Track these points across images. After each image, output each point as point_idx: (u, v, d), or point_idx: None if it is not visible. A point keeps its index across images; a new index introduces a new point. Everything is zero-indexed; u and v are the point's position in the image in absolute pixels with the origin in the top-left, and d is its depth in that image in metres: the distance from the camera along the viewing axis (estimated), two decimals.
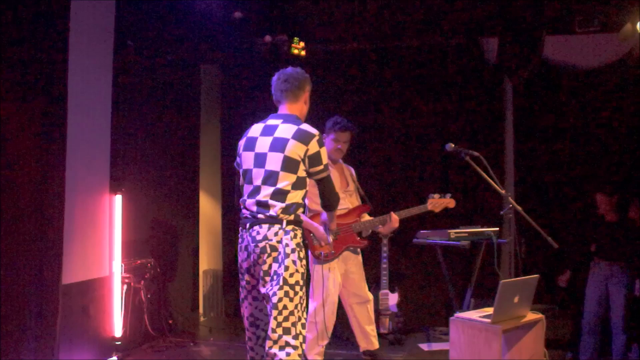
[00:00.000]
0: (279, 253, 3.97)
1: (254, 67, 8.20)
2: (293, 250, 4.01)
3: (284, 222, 4.02)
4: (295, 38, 7.63)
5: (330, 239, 5.21)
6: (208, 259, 8.75)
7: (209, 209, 8.72)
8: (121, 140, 6.60)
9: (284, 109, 4.29)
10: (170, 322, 7.41)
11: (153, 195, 7.30)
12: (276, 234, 3.99)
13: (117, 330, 6.44)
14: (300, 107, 4.33)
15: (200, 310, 8.51)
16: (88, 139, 6.08)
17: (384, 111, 8.26)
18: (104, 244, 6.33)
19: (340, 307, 6.07)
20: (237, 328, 7.90)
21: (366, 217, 5.95)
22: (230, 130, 8.52)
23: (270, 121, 4.23)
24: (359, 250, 6.03)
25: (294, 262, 3.99)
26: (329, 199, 4.36)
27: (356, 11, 7.39)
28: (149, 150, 7.21)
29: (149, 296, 6.86)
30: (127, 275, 6.56)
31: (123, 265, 6.51)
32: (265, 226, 4.00)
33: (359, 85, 8.34)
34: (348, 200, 5.96)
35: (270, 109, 4.36)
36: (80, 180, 5.91)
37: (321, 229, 5.56)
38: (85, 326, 6.03)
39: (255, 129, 4.26)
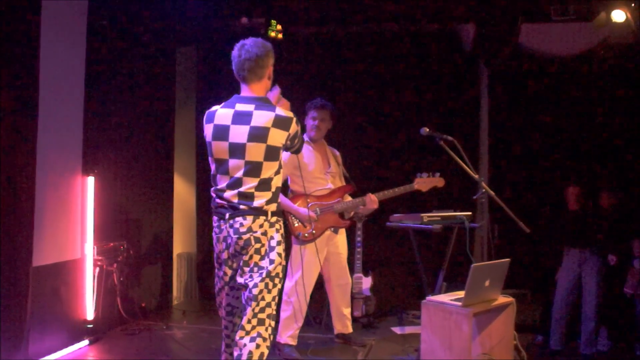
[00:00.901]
0: (263, 245, 3.89)
1: (230, 50, 8.13)
2: (278, 243, 3.96)
3: (269, 214, 3.93)
4: (273, 21, 7.59)
5: (313, 215, 5.21)
6: (182, 242, 8.72)
7: (183, 191, 8.68)
8: (94, 122, 6.53)
9: (248, 89, 4.06)
10: (143, 305, 7.38)
11: (126, 177, 7.23)
12: (261, 225, 3.89)
13: (89, 314, 6.40)
14: (265, 84, 4.11)
15: (174, 293, 8.48)
16: (60, 120, 6.01)
17: (360, 95, 8.27)
18: (75, 226, 6.28)
19: (316, 289, 6.11)
20: (211, 311, 7.89)
21: (348, 198, 5.99)
22: (205, 112, 8.47)
23: (240, 106, 4.00)
24: (341, 230, 6.07)
25: (279, 254, 3.94)
26: (298, 150, 4.34)
27: None
28: (122, 132, 7.14)
29: (121, 279, 6.83)
30: (100, 257, 6.50)
31: (95, 247, 6.44)
32: (249, 218, 3.88)
33: (335, 69, 8.34)
34: (331, 181, 5.99)
35: None
36: (52, 162, 5.85)
37: (302, 210, 5.59)
38: (56, 309, 5.98)
39: (224, 116, 4.01)
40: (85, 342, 6.29)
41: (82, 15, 6.32)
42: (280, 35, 7.59)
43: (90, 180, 6.40)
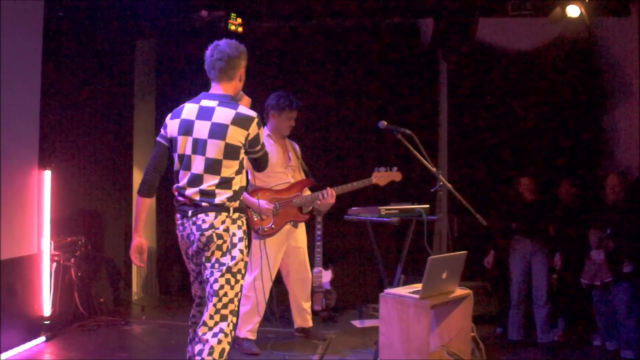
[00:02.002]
0: (225, 242, 3.90)
1: (190, 43, 8.11)
2: (240, 240, 3.97)
3: (231, 210, 3.95)
4: (233, 14, 7.56)
5: (271, 207, 5.21)
6: None
7: None
8: (51, 114, 6.44)
9: (217, 88, 4.10)
10: (102, 300, 7.30)
11: (85, 171, 7.15)
12: (223, 222, 3.90)
13: (46, 310, 6.31)
14: (235, 85, 4.14)
15: (133, 289, 8.41)
16: (16, 113, 5.90)
17: (320, 89, 8.27)
18: (32, 221, 6.18)
19: (276, 283, 6.11)
20: (170, 307, 7.88)
21: (307, 192, 6.00)
22: (165, 105, 8.40)
23: (205, 102, 4.02)
24: (301, 225, 6.08)
25: (241, 251, 3.96)
26: (261, 165, 4.29)
27: None
28: (80, 125, 7.06)
29: (79, 274, 6.75)
30: (57, 252, 6.42)
31: (52, 242, 6.36)
32: (211, 214, 3.89)
33: (295, 62, 8.33)
34: (290, 174, 6.02)
35: (206, 85, 4.19)
36: (7, 155, 5.74)
37: (261, 203, 5.59)
38: (12, 305, 5.87)
39: (190, 111, 4.03)
40: (42, 338, 6.21)
41: (39, 6, 6.22)
42: (240, 29, 7.56)
43: (47, 174, 6.31)
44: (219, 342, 3.83)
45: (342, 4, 7.80)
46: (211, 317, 3.87)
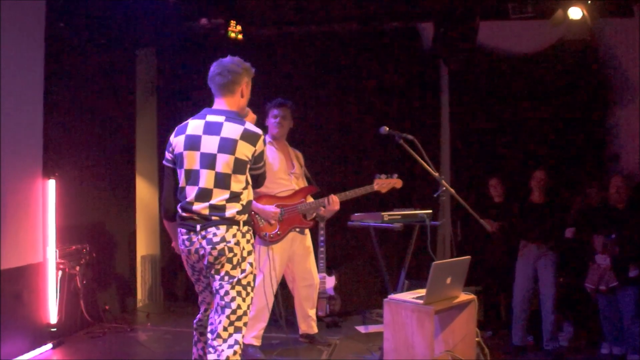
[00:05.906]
0: (236, 255, 3.95)
1: (190, 51, 8.13)
2: (249, 253, 4.04)
3: (241, 224, 4.00)
4: (232, 21, 7.58)
5: (278, 210, 5.24)
6: (146, 244, 8.67)
7: (146, 193, 8.62)
8: (54, 124, 6.47)
9: (221, 102, 4.14)
10: (107, 307, 7.32)
11: (88, 179, 7.17)
12: (234, 235, 3.95)
13: (52, 317, 6.34)
14: (237, 100, 4.16)
15: (138, 295, 8.44)
16: (19, 122, 5.95)
17: (322, 95, 8.27)
18: (37, 230, 6.21)
19: (280, 289, 6.11)
20: (175, 313, 7.89)
21: (311, 199, 6.01)
22: (166, 113, 8.46)
23: (211, 117, 4.06)
24: (306, 231, 6.09)
25: (250, 264, 4.02)
26: (259, 181, 4.33)
27: None
28: (83, 134, 7.09)
29: (84, 282, 6.77)
30: (62, 261, 6.44)
31: (57, 250, 6.39)
32: (222, 227, 3.94)
33: (296, 69, 8.33)
34: (294, 182, 6.03)
35: (207, 94, 4.23)
36: (11, 165, 5.78)
37: (267, 208, 5.61)
38: (18, 313, 5.92)
39: (196, 127, 4.06)
40: (49, 345, 6.24)
41: (40, 17, 6.26)
42: (240, 37, 7.58)
43: (51, 183, 6.34)
44: (235, 353, 3.91)
45: (342, 9, 7.81)
46: (225, 329, 3.93)
